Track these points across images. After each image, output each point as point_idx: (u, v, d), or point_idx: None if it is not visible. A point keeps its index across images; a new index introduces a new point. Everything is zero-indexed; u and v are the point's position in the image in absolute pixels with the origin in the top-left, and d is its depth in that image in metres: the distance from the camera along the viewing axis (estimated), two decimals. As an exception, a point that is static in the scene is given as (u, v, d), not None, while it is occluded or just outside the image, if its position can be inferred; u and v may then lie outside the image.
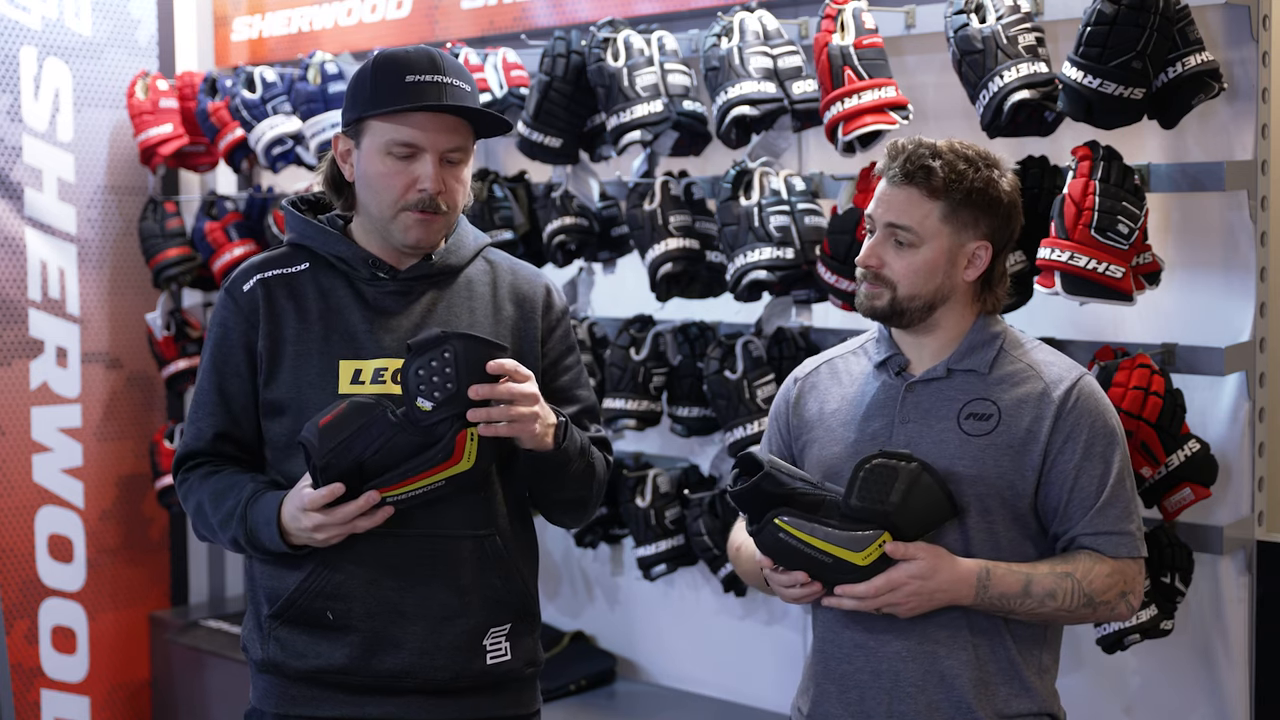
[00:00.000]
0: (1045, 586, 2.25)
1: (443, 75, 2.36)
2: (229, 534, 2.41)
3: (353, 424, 2.25)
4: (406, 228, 2.38)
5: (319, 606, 2.39)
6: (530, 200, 3.88)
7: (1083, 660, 3.12)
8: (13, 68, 4.47)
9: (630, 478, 3.64)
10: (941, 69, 3.08)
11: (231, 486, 2.42)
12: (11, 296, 4.47)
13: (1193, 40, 2.70)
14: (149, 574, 4.77)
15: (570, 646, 4.05)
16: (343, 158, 2.45)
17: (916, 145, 2.34)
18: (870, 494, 2.22)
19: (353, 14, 4.46)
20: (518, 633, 2.47)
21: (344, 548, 2.36)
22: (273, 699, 2.45)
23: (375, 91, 2.36)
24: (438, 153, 2.36)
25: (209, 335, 2.49)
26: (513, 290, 2.51)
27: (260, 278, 2.46)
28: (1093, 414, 2.31)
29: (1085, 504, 2.29)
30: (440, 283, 2.46)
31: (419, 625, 2.39)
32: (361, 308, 2.42)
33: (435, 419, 2.23)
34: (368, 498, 2.27)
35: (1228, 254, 2.94)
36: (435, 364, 2.23)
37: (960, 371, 2.36)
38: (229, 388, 2.45)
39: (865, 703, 2.33)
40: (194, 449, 2.48)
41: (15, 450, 4.48)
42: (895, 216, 2.32)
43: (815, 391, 2.48)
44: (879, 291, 2.35)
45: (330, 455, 2.24)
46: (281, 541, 2.34)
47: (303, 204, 2.55)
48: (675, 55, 3.41)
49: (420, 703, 2.41)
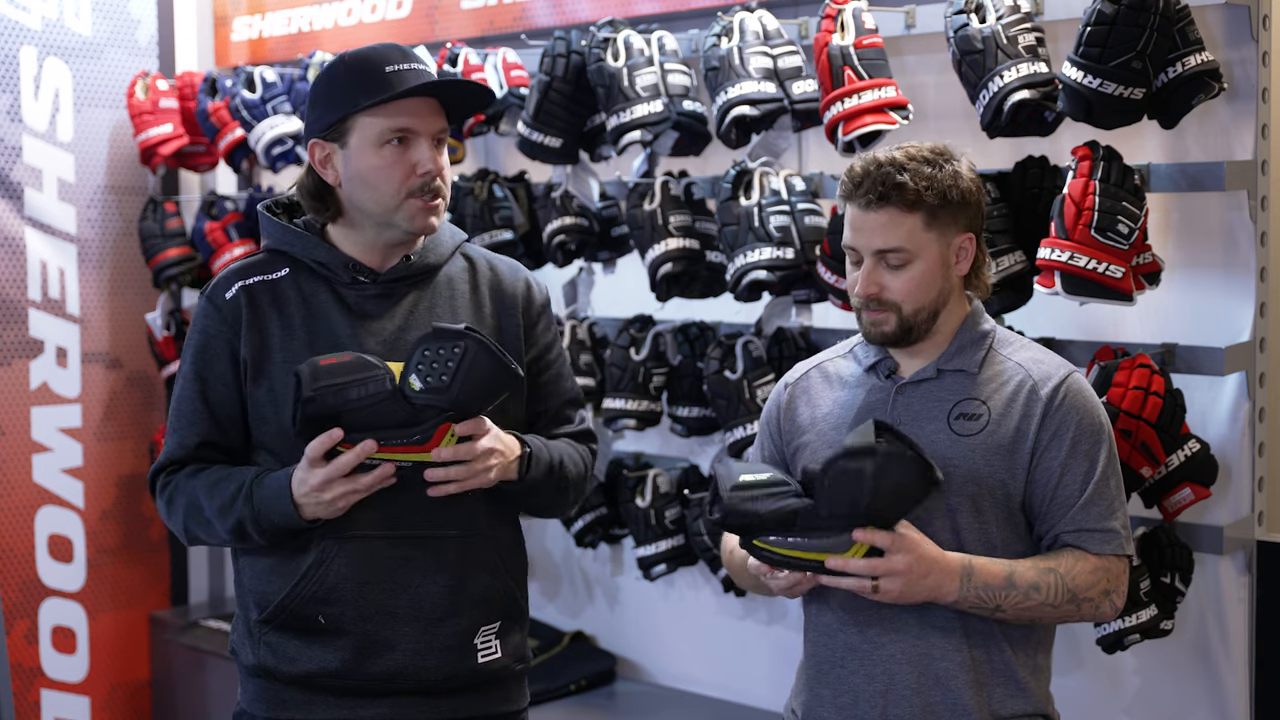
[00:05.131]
0: (1028, 580, 2.24)
1: (417, 63, 2.39)
2: (231, 520, 2.37)
3: (352, 372, 2.27)
4: (413, 215, 2.39)
5: (310, 611, 2.39)
6: (530, 200, 3.88)
7: (1082, 660, 3.12)
8: (13, 68, 4.47)
9: (630, 478, 3.64)
10: (941, 69, 3.08)
11: (230, 475, 2.40)
12: (11, 296, 4.47)
13: (1193, 40, 2.70)
14: (149, 574, 4.77)
15: (570, 646, 4.05)
16: (322, 164, 2.43)
17: (876, 165, 2.30)
18: (840, 502, 2.16)
19: (353, 14, 4.46)
20: (507, 630, 2.48)
21: (337, 551, 2.37)
22: (263, 703, 2.45)
23: (357, 89, 2.36)
24: (430, 135, 2.38)
25: (189, 343, 2.47)
26: (493, 287, 2.52)
27: (242, 284, 2.44)
28: (1080, 411, 2.30)
29: (1069, 501, 2.28)
30: (420, 283, 2.47)
31: (411, 627, 2.40)
32: (343, 312, 2.42)
33: (419, 401, 2.26)
34: (364, 446, 2.27)
35: (1228, 254, 2.94)
36: (443, 353, 2.26)
37: (950, 371, 2.35)
38: (214, 395, 2.43)
39: (859, 706, 2.32)
40: (177, 457, 2.46)
41: (15, 450, 4.48)
42: (883, 242, 2.30)
43: (806, 396, 2.47)
44: (884, 317, 2.32)
45: (320, 391, 2.25)
46: (295, 514, 2.32)
47: (277, 208, 2.54)
48: (675, 55, 3.41)
49: (412, 703, 2.42)
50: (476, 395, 2.29)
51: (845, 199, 2.35)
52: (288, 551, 2.40)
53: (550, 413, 2.57)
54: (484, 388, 2.29)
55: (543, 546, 4.24)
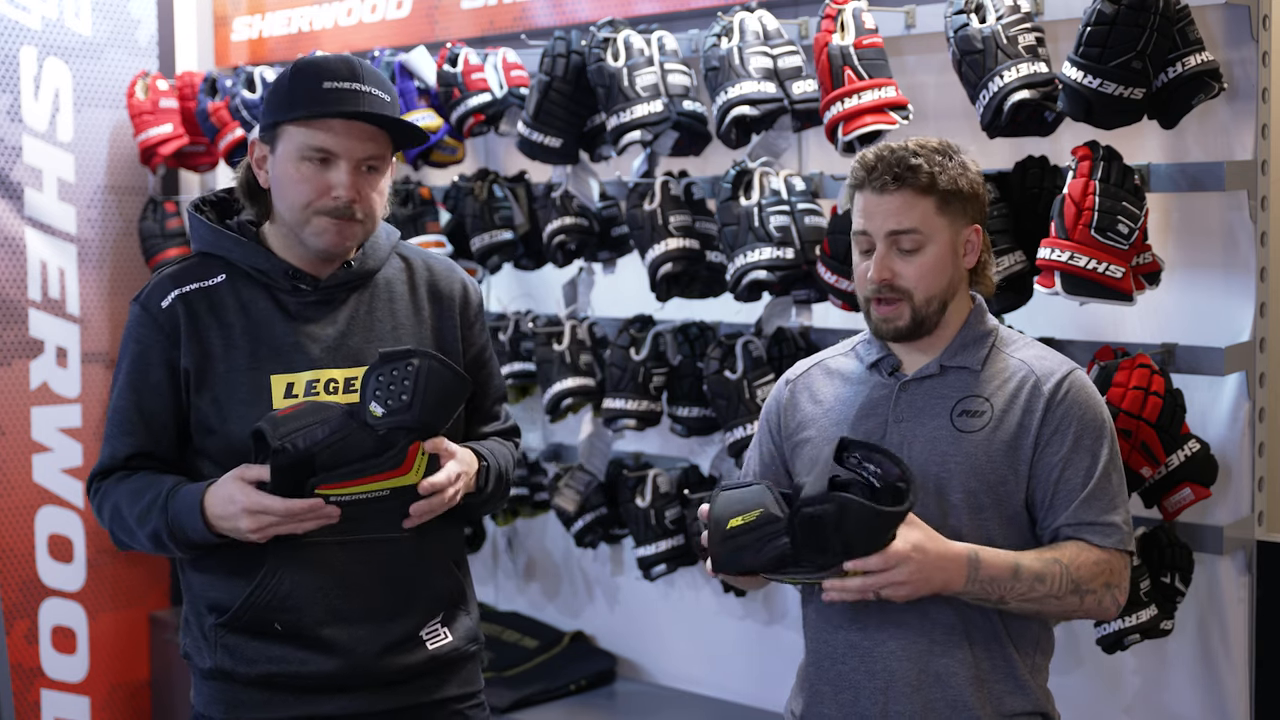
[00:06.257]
0: (1034, 570, 2.23)
1: (361, 84, 2.35)
2: (148, 528, 2.37)
3: (311, 415, 2.27)
4: (319, 232, 2.37)
5: (267, 619, 2.39)
6: (530, 200, 3.88)
7: (1082, 660, 3.12)
8: (13, 68, 4.47)
9: (630, 478, 3.64)
10: (941, 69, 3.08)
11: (150, 484, 2.40)
12: (11, 296, 4.47)
13: (1193, 40, 2.70)
14: (149, 574, 4.77)
15: (570, 646, 4.05)
16: (258, 164, 2.42)
17: (890, 151, 2.32)
18: (816, 550, 2.15)
19: (353, 14, 4.46)
20: (451, 617, 2.51)
21: (288, 559, 2.37)
22: (221, 705, 2.45)
23: (291, 97, 2.35)
24: (353, 160, 2.35)
25: (124, 351, 2.44)
26: (430, 288, 2.53)
27: (178, 293, 2.41)
28: (1082, 406, 2.31)
29: (1070, 495, 2.28)
30: (359, 287, 2.47)
31: (364, 629, 2.41)
32: (285, 319, 2.41)
33: (383, 426, 2.26)
34: (315, 503, 2.25)
35: (1228, 254, 2.94)
36: (397, 374, 2.27)
37: (953, 368, 2.36)
38: (148, 405, 2.41)
39: (860, 703, 2.33)
40: (109, 467, 2.45)
41: (15, 450, 4.48)
42: (897, 222, 2.30)
43: (808, 393, 2.47)
44: (897, 311, 2.32)
45: (288, 438, 2.23)
46: (206, 530, 2.31)
47: (205, 205, 2.51)
48: (675, 55, 3.41)
49: (369, 696, 2.44)
50: (437, 408, 2.31)
51: (856, 187, 2.35)
52: (236, 561, 2.39)
53: (483, 411, 2.61)
54: (442, 400, 2.31)
55: (543, 546, 4.24)
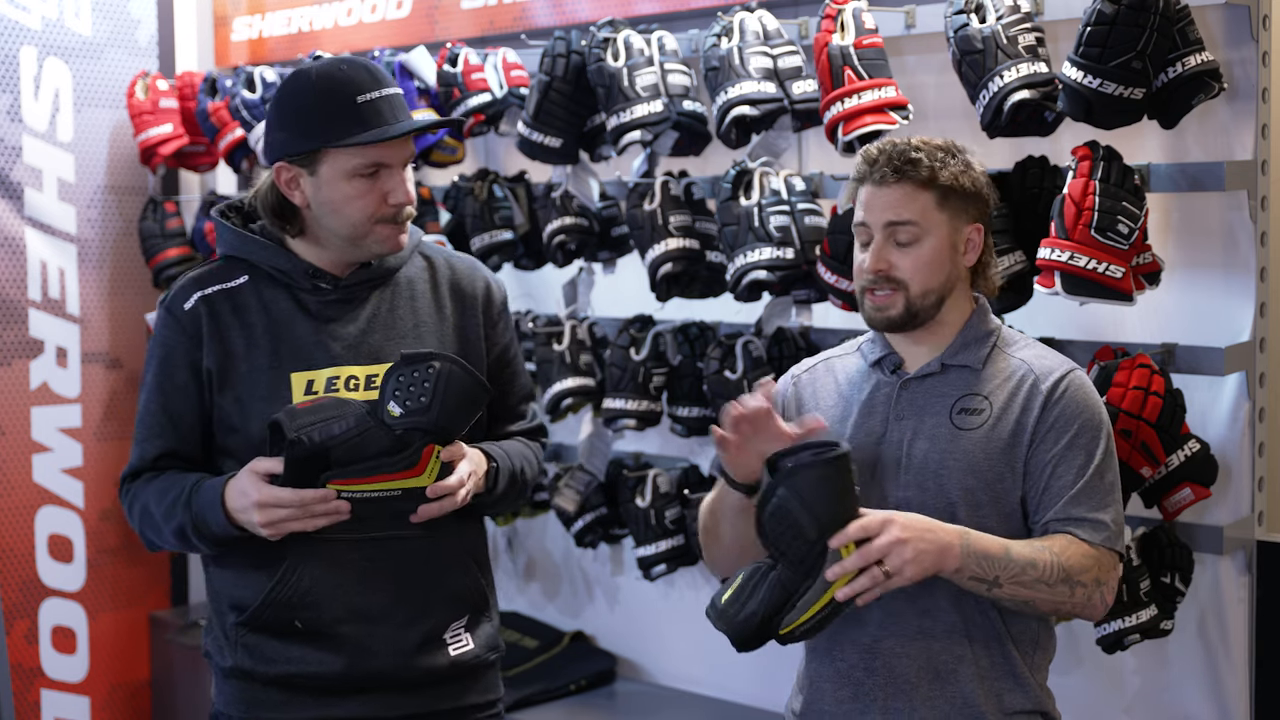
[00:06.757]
0: (1025, 555, 2.21)
1: (386, 87, 2.38)
2: (173, 524, 2.39)
3: (330, 410, 2.30)
4: (383, 239, 2.41)
5: (287, 616, 2.40)
6: (530, 200, 3.88)
7: (1082, 660, 3.12)
8: (13, 68, 4.47)
9: (630, 478, 3.64)
10: (941, 69, 3.08)
11: (175, 482, 2.42)
12: (11, 296, 4.47)
13: (1193, 40, 2.70)
14: (149, 574, 4.77)
15: (570, 646, 4.05)
16: (289, 185, 2.42)
17: (893, 144, 2.35)
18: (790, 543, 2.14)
19: (353, 14, 4.46)
20: (475, 623, 2.52)
21: (307, 556, 2.38)
22: (241, 704, 2.46)
23: (329, 120, 2.35)
24: (402, 164, 2.40)
25: (151, 354, 2.48)
26: (453, 286, 2.54)
27: (201, 294, 2.44)
28: (1080, 405, 2.31)
29: (1061, 491, 2.28)
30: (380, 285, 2.48)
31: (385, 628, 2.42)
32: (306, 318, 2.43)
33: (400, 426, 2.27)
34: (327, 493, 2.27)
35: (1228, 254, 2.94)
36: (417, 375, 2.28)
37: (954, 367, 2.37)
38: (175, 407, 2.44)
39: (860, 699, 2.33)
40: (138, 469, 2.48)
41: (15, 450, 4.48)
42: (895, 214, 2.32)
43: (812, 389, 2.48)
44: (891, 300, 2.33)
45: (304, 430, 2.25)
46: (228, 523, 2.33)
47: (231, 212, 2.53)
48: (675, 55, 3.41)
49: (388, 700, 2.44)
50: (456, 412, 2.32)
51: (859, 181, 2.37)
52: (257, 557, 2.40)
53: (508, 409, 2.62)
54: (461, 404, 2.32)
55: (543, 546, 4.24)
